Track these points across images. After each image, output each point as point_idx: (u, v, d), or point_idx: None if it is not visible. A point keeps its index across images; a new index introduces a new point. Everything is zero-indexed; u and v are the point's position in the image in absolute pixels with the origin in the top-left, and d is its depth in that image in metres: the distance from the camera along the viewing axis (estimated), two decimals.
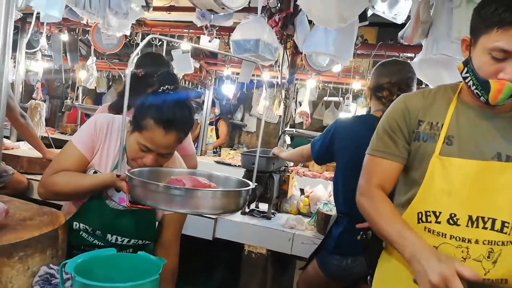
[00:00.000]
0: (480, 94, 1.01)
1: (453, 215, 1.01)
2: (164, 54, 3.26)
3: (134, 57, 1.01)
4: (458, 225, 1.01)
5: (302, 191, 2.94)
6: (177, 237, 1.52)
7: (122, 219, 1.38)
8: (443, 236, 1.02)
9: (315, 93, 5.31)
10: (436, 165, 1.05)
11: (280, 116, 3.80)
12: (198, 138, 5.72)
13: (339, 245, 1.86)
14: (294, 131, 2.78)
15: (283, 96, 3.03)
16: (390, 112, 1.17)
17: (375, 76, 1.87)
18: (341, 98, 4.96)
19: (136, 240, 1.43)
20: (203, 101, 5.54)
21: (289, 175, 2.60)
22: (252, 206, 2.63)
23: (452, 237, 1.01)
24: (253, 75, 4.16)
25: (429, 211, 1.05)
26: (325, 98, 5.95)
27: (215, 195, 1.01)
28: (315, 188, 2.77)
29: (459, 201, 1.01)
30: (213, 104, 6.00)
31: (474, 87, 1.01)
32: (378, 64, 1.92)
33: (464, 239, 1.00)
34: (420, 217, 1.07)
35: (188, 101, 1.29)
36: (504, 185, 1.00)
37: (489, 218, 0.99)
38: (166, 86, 1.24)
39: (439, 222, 1.03)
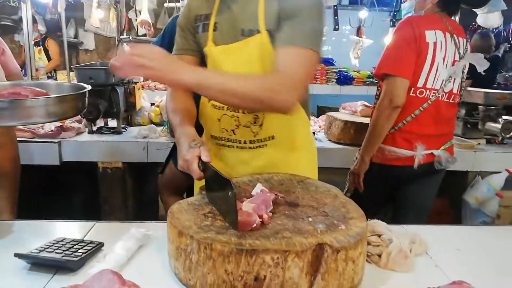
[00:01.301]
0: None
1: None
2: None
3: None
4: None
5: (153, 104, 2.89)
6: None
7: None
8: (222, 109, 1.19)
9: (154, 0, 4.96)
10: (212, 53, 1.16)
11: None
12: (25, 63, 4.92)
13: None
14: (131, 37, 2.61)
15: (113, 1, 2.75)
16: (179, 16, 1.26)
17: None
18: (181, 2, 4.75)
19: None
20: (21, 18, 4.66)
21: (134, 87, 2.51)
22: (100, 123, 2.51)
23: (228, 109, 1.18)
24: None
25: None
26: (165, 5, 5.62)
27: (46, 101, 0.92)
28: (164, 96, 2.75)
29: None
30: (35, 21, 5.11)
31: None
32: None
33: (235, 109, 1.17)
34: None
35: None
36: (249, 59, 1.12)
37: None
38: None
39: None
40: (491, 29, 5.12)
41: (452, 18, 1.88)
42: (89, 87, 1.08)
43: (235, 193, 0.81)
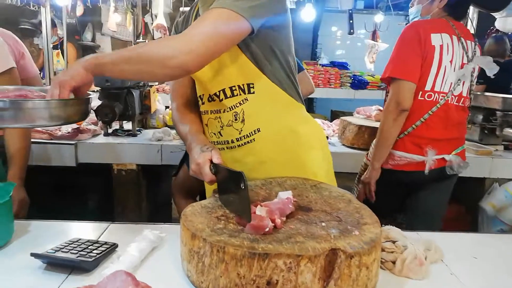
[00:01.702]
0: None
1: (202, 95, 1.19)
2: None
3: None
4: (214, 101, 1.17)
5: (168, 108, 2.92)
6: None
7: None
8: (207, 113, 1.20)
9: (170, 4, 5.01)
10: None
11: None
12: (43, 66, 5.02)
13: None
14: (147, 41, 2.64)
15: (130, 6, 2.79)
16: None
17: None
18: None
19: None
20: (40, 22, 4.77)
21: (149, 90, 2.54)
22: (116, 126, 2.54)
23: (211, 112, 1.19)
24: None
25: (198, 96, 1.23)
26: (181, 9, 5.68)
27: (48, 104, 0.92)
28: None
29: (201, 84, 1.18)
30: (54, 25, 5.22)
31: None
32: None
33: (216, 111, 1.18)
34: (197, 102, 1.25)
35: None
36: (221, 57, 1.07)
37: (220, 91, 1.14)
38: None
39: (204, 103, 1.21)
40: (510, 33, 5.03)
41: (469, 21, 1.86)
42: (93, 95, 1.08)
43: (247, 185, 0.82)
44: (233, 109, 1.14)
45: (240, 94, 1.12)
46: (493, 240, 1.14)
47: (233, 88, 1.12)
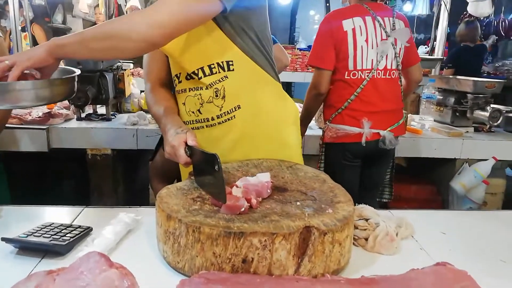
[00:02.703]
0: None
1: (189, 72, 1.15)
2: None
3: None
4: (193, 78, 1.15)
5: (143, 92, 2.87)
6: None
7: None
8: (185, 91, 1.19)
9: None
10: None
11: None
12: (11, 49, 4.82)
13: None
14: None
15: None
16: None
17: None
18: None
19: None
20: (6, 2, 4.56)
21: (123, 73, 2.48)
22: (89, 110, 2.48)
23: (190, 89, 1.18)
24: None
25: (174, 76, 1.21)
26: None
27: (34, 85, 0.91)
28: None
29: (177, 63, 1.15)
30: (21, 5, 4.99)
31: None
32: None
33: (196, 88, 1.16)
34: (171, 83, 1.25)
35: None
36: (193, 39, 1.10)
37: (199, 68, 1.12)
38: None
39: (181, 81, 1.19)
40: (481, 18, 5.15)
41: (442, 5, 1.95)
42: (78, 72, 1.06)
43: (221, 167, 0.83)
44: (213, 85, 1.13)
45: (219, 72, 1.12)
46: (461, 217, 1.19)
47: (212, 66, 1.11)
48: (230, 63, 1.12)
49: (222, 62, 1.11)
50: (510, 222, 1.14)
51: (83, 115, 2.35)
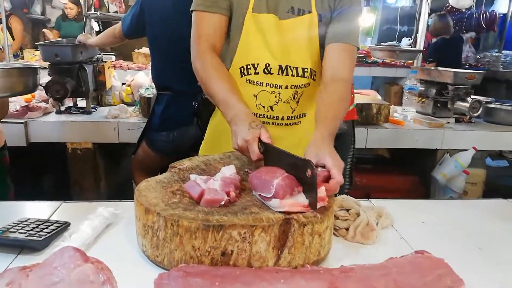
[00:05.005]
0: None
1: (267, 65, 1.16)
2: None
3: None
4: (272, 74, 1.16)
5: (124, 84, 2.81)
6: None
7: None
8: (261, 84, 1.17)
9: None
10: (250, 21, 1.14)
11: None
12: None
13: (163, 121, 1.93)
14: (99, 13, 2.52)
15: None
16: None
17: None
18: None
19: None
20: None
21: (103, 65, 2.43)
22: (69, 103, 2.43)
23: (267, 84, 1.17)
24: None
25: (249, 65, 1.17)
26: None
27: None
28: (136, 75, 2.69)
29: (271, 52, 1.15)
30: None
31: None
32: None
33: (276, 85, 1.17)
34: (242, 71, 1.18)
35: None
36: (299, 36, 1.15)
37: (294, 67, 1.16)
38: None
39: (258, 73, 1.16)
40: (463, 10, 5.21)
41: None
42: (37, 65, 1.03)
43: (315, 173, 0.77)
44: (295, 88, 1.16)
45: (308, 77, 1.17)
46: (440, 206, 1.20)
47: (305, 70, 1.16)
48: (314, 72, 1.18)
49: (311, 69, 1.17)
50: (489, 210, 1.16)
51: (62, 108, 2.30)
